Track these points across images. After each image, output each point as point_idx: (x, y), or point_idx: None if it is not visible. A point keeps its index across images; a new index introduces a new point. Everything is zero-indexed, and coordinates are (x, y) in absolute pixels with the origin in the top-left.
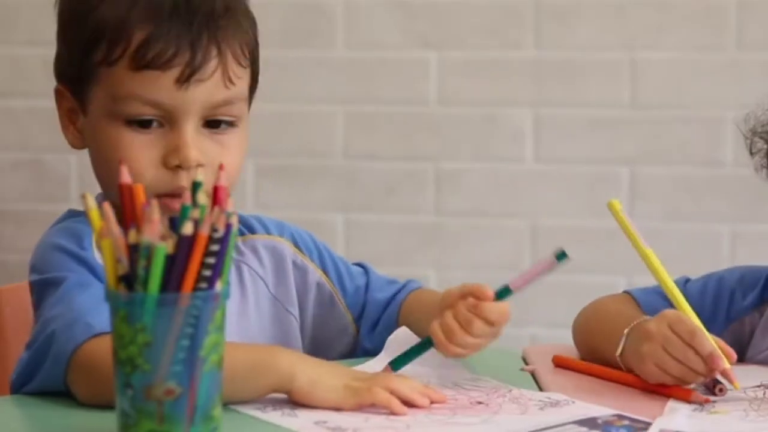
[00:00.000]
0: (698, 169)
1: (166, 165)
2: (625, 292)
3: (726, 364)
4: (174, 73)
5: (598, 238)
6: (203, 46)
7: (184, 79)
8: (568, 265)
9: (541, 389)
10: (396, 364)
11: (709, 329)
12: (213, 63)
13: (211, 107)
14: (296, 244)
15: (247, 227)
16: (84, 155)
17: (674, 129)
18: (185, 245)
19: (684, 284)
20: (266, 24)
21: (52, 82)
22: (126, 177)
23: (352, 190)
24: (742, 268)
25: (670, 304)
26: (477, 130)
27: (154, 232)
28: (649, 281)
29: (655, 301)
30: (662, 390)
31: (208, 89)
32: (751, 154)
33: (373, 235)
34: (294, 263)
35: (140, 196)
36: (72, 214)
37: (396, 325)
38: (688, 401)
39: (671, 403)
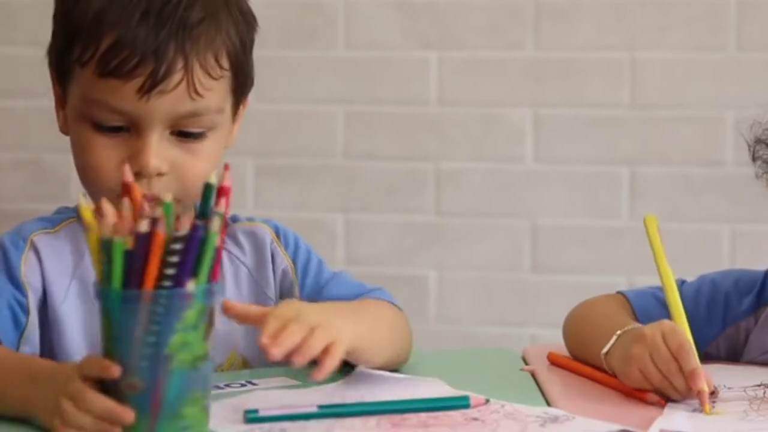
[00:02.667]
0: (698, 169)
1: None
2: (619, 292)
3: (704, 386)
4: (136, 83)
5: (598, 238)
6: (168, 58)
7: (146, 90)
8: (568, 265)
9: (541, 389)
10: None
11: (704, 334)
12: (177, 75)
13: (176, 118)
14: (276, 233)
15: (232, 219)
16: None
17: (674, 129)
18: (142, 243)
19: (679, 286)
20: (266, 24)
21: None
22: (129, 176)
23: (352, 190)
24: (737, 272)
25: (663, 308)
26: (477, 130)
27: (124, 228)
28: (649, 282)
29: (648, 303)
30: (620, 388)
31: (172, 101)
32: (753, 160)
33: (373, 235)
34: (271, 248)
35: (137, 194)
36: (59, 211)
37: None
38: (645, 401)
39: (671, 404)
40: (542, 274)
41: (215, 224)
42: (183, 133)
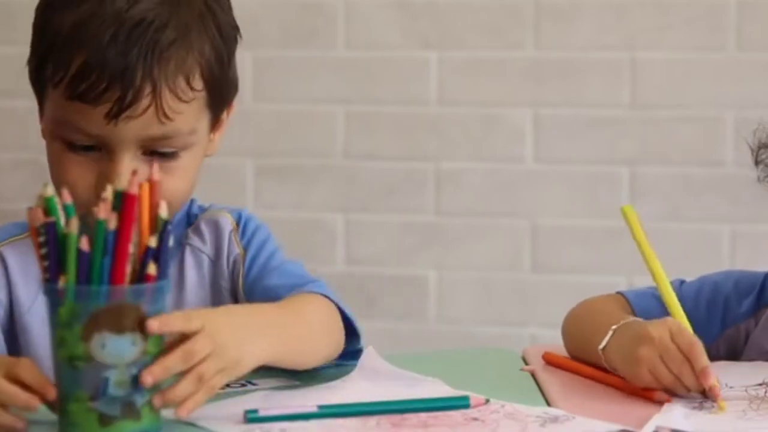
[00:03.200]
0: (698, 169)
1: (98, 190)
2: (618, 293)
3: (715, 382)
4: (104, 108)
5: (598, 238)
6: (135, 83)
7: (113, 116)
8: (568, 265)
9: (541, 389)
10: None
11: (703, 335)
12: (145, 101)
13: (146, 140)
14: (237, 222)
15: (201, 208)
16: None
17: (674, 129)
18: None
19: (679, 286)
20: (266, 24)
21: None
22: (134, 189)
23: (352, 190)
24: (737, 273)
25: (663, 307)
26: (477, 130)
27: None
28: (649, 282)
29: (648, 304)
30: (618, 385)
31: (141, 125)
32: (756, 164)
33: (373, 235)
34: (229, 237)
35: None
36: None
37: None
38: (652, 400)
39: (668, 402)
40: (542, 274)
41: (72, 225)
42: (156, 152)
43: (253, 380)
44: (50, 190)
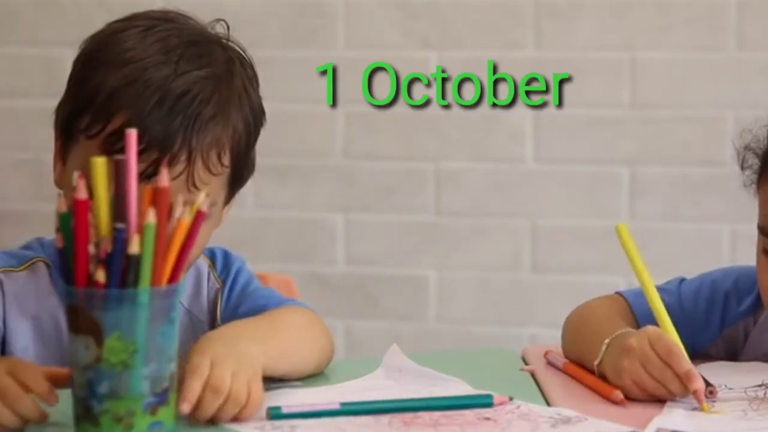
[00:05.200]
0: (698, 169)
1: None
2: (618, 293)
3: (700, 385)
4: (139, 168)
5: (598, 238)
6: (173, 150)
7: (145, 177)
8: (568, 265)
9: (541, 389)
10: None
11: (703, 334)
12: (179, 167)
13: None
14: (213, 261)
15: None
16: None
17: (674, 129)
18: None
19: (679, 284)
20: (266, 24)
21: (52, 83)
22: (82, 194)
23: (352, 190)
24: (737, 270)
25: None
26: (477, 130)
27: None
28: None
29: (647, 303)
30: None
31: (170, 189)
32: (742, 169)
33: (373, 235)
34: (207, 276)
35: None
36: (28, 245)
37: None
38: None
39: (670, 403)
40: (542, 274)
41: None
42: None
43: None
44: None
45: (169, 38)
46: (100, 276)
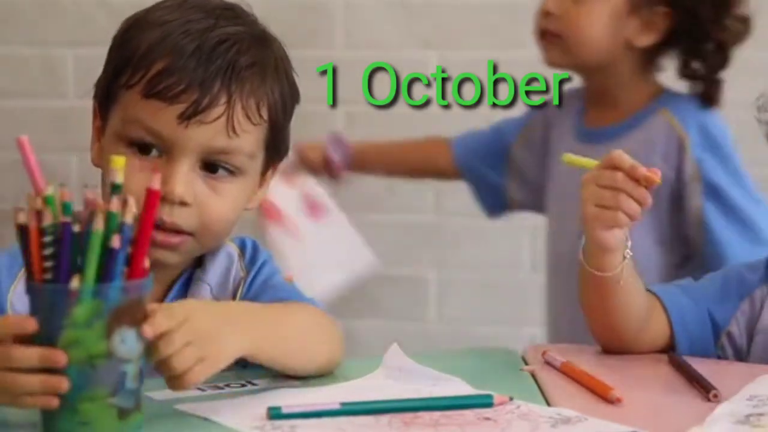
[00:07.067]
0: None
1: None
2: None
3: (648, 173)
4: (178, 108)
5: None
6: (213, 91)
7: (186, 117)
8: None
9: (541, 389)
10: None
11: (723, 311)
12: (219, 109)
13: (209, 151)
14: (242, 249)
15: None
16: (84, 156)
17: None
18: (23, 235)
19: (690, 281)
20: (266, 24)
21: (52, 82)
22: (156, 184)
23: (352, 190)
24: (743, 261)
25: (691, 302)
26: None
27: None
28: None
29: (671, 290)
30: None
31: (209, 133)
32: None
33: (373, 235)
34: (236, 264)
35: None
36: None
37: None
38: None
39: (715, 412)
40: (542, 274)
41: (98, 223)
42: (212, 169)
43: (253, 380)
44: (50, 190)
45: (207, 4)
46: (147, 263)
